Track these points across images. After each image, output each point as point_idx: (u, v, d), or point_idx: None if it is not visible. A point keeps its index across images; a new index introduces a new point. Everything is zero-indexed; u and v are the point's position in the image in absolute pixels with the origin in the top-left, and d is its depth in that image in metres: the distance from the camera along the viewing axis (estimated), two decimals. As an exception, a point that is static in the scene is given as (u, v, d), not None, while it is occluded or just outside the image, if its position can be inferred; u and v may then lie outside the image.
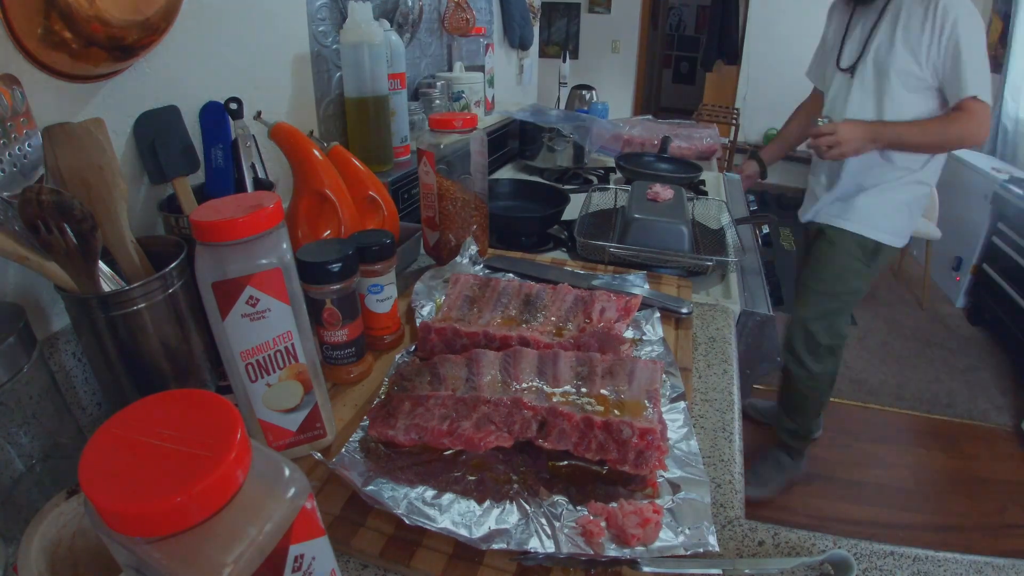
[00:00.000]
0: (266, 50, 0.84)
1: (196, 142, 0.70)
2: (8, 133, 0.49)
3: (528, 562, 0.42)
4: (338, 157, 0.78)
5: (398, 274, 0.74)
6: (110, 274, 0.54)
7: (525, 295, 0.72)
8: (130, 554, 0.25)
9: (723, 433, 0.58)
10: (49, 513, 0.38)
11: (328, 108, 1.01)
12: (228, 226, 0.42)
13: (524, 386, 0.54)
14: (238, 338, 0.45)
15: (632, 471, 0.47)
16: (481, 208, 0.87)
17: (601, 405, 0.51)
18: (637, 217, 0.93)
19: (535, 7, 2.15)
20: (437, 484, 0.48)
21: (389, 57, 1.03)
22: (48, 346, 0.58)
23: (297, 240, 0.72)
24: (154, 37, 0.59)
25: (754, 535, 0.47)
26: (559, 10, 4.49)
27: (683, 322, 0.74)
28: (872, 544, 0.47)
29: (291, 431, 0.51)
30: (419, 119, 1.20)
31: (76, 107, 0.59)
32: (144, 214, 0.68)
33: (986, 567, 0.45)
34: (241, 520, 0.27)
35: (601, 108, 1.93)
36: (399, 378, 0.58)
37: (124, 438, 0.27)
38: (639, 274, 0.81)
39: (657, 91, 6.00)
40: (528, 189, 1.22)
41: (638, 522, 0.43)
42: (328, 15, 0.98)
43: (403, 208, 1.07)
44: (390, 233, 0.65)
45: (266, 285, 0.44)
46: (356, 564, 0.45)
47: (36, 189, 0.45)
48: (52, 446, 0.49)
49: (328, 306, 0.58)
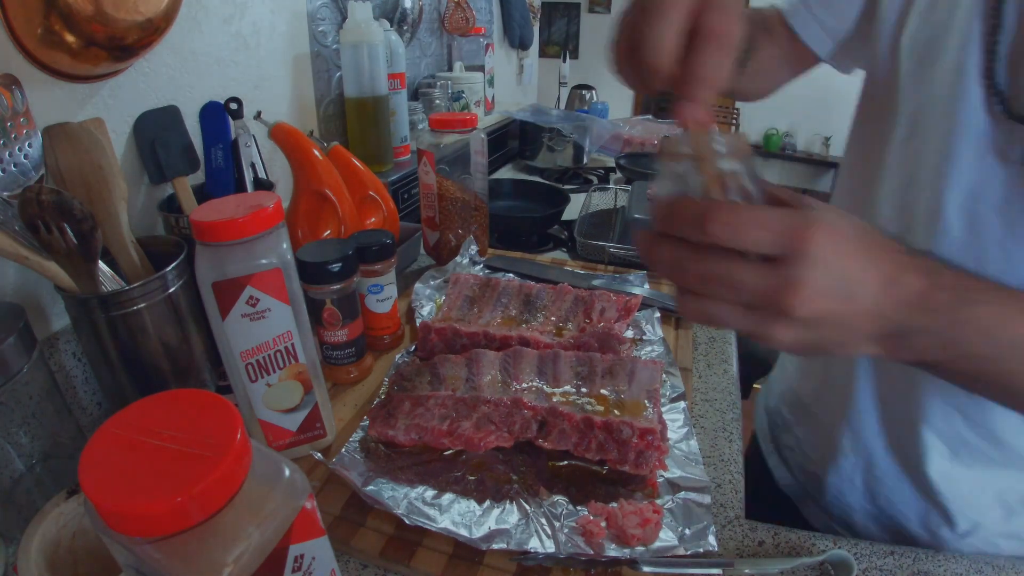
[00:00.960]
0: (266, 50, 0.84)
1: (196, 142, 0.70)
2: (8, 133, 0.49)
3: (528, 562, 0.42)
4: (338, 157, 0.78)
5: (398, 274, 0.74)
6: (110, 274, 0.54)
7: (525, 295, 0.72)
8: (130, 554, 0.25)
9: (723, 433, 0.58)
10: (49, 513, 0.38)
11: (328, 108, 1.01)
12: (228, 226, 0.42)
13: (524, 386, 0.54)
14: (238, 338, 0.45)
15: (632, 471, 0.47)
16: (481, 208, 0.87)
17: (601, 405, 0.51)
18: (637, 217, 0.93)
19: (535, 7, 2.15)
20: (437, 484, 0.48)
21: (389, 57, 1.03)
22: (48, 346, 0.58)
23: (297, 240, 0.72)
24: (154, 37, 0.59)
25: (754, 535, 0.47)
26: (559, 10, 4.49)
27: (683, 322, 0.74)
28: (872, 544, 0.47)
29: (291, 431, 0.51)
30: (419, 119, 1.20)
31: (76, 107, 0.59)
32: (144, 214, 0.68)
33: (986, 567, 0.45)
34: (241, 520, 0.27)
35: (601, 108, 1.93)
36: (399, 378, 0.58)
37: (124, 438, 0.27)
38: (639, 274, 0.81)
39: (657, 91, 5.99)
40: (528, 189, 1.22)
41: (638, 522, 0.43)
42: (328, 15, 0.98)
43: (403, 208, 1.07)
44: (390, 233, 0.65)
45: (266, 285, 0.44)
46: (356, 564, 0.45)
47: (36, 189, 0.45)
48: (52, 446, 0.49)
49: (328, 306, 0.58)
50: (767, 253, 0.30)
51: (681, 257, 0.32)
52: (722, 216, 0.30)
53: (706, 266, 0.31)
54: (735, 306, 0.32)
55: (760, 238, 0.30)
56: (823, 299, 0.30)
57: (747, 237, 0.30)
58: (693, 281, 0.32)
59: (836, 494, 0.60)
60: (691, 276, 0.32)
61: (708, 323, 0.35)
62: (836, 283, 0.30)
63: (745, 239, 0.30)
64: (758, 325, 0.32)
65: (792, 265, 0.30)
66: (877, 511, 0.57)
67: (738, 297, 0.31)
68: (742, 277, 0.31)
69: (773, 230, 0.30)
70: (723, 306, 0.32)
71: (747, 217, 0.30)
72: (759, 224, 0.30)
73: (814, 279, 0.30)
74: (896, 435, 0.54)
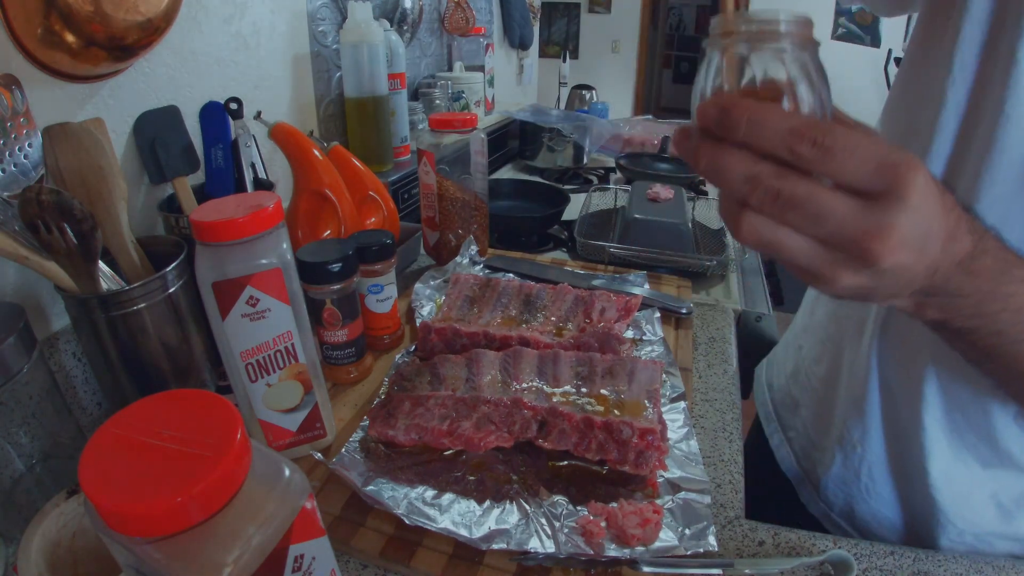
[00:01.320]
0: (266, 50, 0.84)
1: (196, 142, 0.70)
2: (8, 133, 0.49)
3: (528, 562, 0.42)
4: (338, 157, 0.78)
5: (398, 274, 0.74)
6: (110, 274, 0.54)
7: (525, 295, 0.72)
8: (130, 554, 0.25)
9: (723, 433, 0.58)
10: (49, 513, 0.38)
11: (328, 108, 1.01)
12: (228, 226, 0.42)
13: (524, 386, 0.54)
14: (238, 338, 0.45)
15: (632, 471, 0.47)
16: (481, 208, 0.87)
17: (601, 405, 0.51)
18: (637, 217, 0.93)
19: (535, 7, 2.15)
20: (437, 484, 0.48)
21: (389, 57, 1.03)
22: (48, 346, 0.58)
23: (297, 240, 0.72)
24: (154, 37, 0.59)
25: (754, 535, 0.47)
26: (559, 10, 4.49)
27: (683, 322, 0.74)
28: (872, 544, 0.47)
29: (291, 431, 0.51)
30: (419, 119, 1.20)
31: (76, 107, 0.59)
32: (144, 214, 0.68)
33: (986, 567, 0.45)
34: (241, 520, 0.27)
35: (601, 108, 1.93)
36: (399, 378, 0.58)
37: (124, 438, 0.27)
38: (639, 274, 0.81)
39: (657, 91, 6.00)
40: (528, 189, 1.22)
41: (638, 522, 0.43)
42: (328, 15, 0.98)
43: (403, 208, 1.07)
44: (390, 233, 0.65)
45: (266, 285, 0.44)
46: (356, 564, 0.45)
47: (36, 189, 0.45)
48: (52, 446, 0.49)
49: (328, 306, 0.58)
50: (859, 187, 0.27)
51: (758, 172, 0.28)
52: (816, 135, 0.26)
53: (788, 185, 0.27)
54: (807, 237, 0.29)
55: (859, 171, 0.26)
56: (905, 250, 0.28)
57: (842, 165, 0.26)
58: (764, 199, 0.28)
59: (839, 482, 0.60)
60: (764, 193, 0.28)
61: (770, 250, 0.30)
62: (920, 234, 0.28)
63: (840, 167, 0.26)
64: (827, 265, 0.29)
65: (889, 208, 0.27)
66: (875, 503, 0.57)
67: (818, 229, 0.28)
68: (832, 207, 0.27)
69: (872, 163, 0.26)
70: (794, 235, 0.29)
71: (844, 142, 0.26)
72: (859, 154, 0.26)
73: (906, 227, 0.27)
74: (900, 427, 0.53)
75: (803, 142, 0.26)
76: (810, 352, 0.67)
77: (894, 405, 0.53)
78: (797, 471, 0.67)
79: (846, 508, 0.60)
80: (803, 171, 0.27)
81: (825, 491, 0.62)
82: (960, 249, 0.31)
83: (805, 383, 0.67)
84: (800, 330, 0.71)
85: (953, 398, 0.48)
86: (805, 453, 0.66)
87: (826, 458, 0.61)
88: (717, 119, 0.28)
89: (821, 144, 0.26)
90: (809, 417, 0.65)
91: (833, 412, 0.60)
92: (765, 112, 0.27)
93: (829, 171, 0.27)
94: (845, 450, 0.58)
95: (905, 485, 0.55)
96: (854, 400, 0.56)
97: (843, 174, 0.27)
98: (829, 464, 0.60)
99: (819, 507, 0.63)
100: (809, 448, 0.65)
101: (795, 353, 0.70)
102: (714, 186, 0.31)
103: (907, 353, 0.50)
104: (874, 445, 0.56)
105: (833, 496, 0.61)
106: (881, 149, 0.27)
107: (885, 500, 0.56)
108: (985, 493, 0.50)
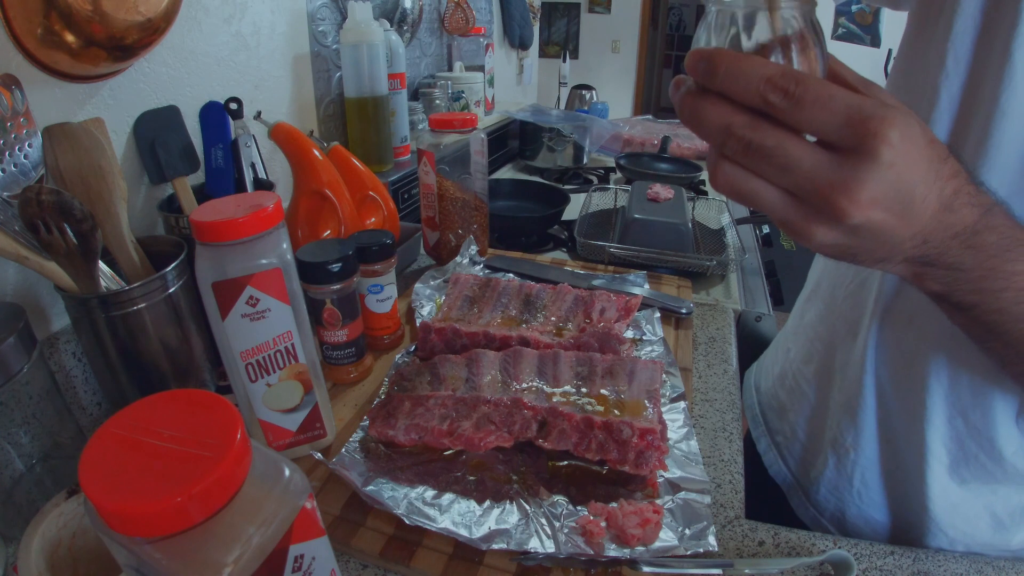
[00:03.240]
0: (266, 50, 0.84)
1: (196, 142, 0.70)
2: (8, 133, 0.49)
3: (528, 562, 0.42)
4: (338, 157, 0.78)
5: (398, 274, 0.74)
6: (110, 274, 0.54)
7: (525, 295, 0.72)
8: (130, 554, 0.25)
9: (723, 433, 0.58)
10: (49, 513, 0.38)
11: (328, 108, 1.01)
12: (228, 226, 0.42)
13: (524, 386, 0.54)
14: (238, 338, 0.45)
15: (632, 471, 0.47)
16: (481, 208, 0.87)
17: (601, 405, 0.51)
18: (637, 217, 0.93)
19: (535, 7, 2.15)
20: (437, 484, 0.48)
21: (389, 57, 1.03)
22: (48, 346, 0.58)
23: (297, 240, 0.72)
24: (154, 37, 0.59)
25: (754, 535, 0.47)
26: (559, 10, 4.49)
27: (683, 322, 0.74)
28: (872, 544, 0.47)
29: (291, 431, 0.51)
30: (419, 119, 1.20)
31: (76, 107, 0.59)
32: (144, 214, 0.68)
33: (986, 567, 0.45)
34: (241, 520, 0.27)
35: (601, 108, 1.93)
36: (399, 378, 0.58)
37: (124, 438, 0.27)
38: (639, 274, 0.81)
39: (657, 91, 6.00)
40: (528, 189, 1.22)
41: (638, 522, 0.43)
42: (328, 15, 0.98)
43: (403, 208, 1.07)
44: (390, 233, 0.65)
45: (266, 285, 0.44)
46: (356, 564, 0.45)
47: (36, 189, 0.45)
48: (52, 446, 0.49)
49: (328, 306, 0.58)
50: (831, 140, 0.27)
51: (731, 121, 0.28)
52: (788, 84, 0.26)
53: (758, 135, 0.28)
54: (778, 189, 0.29)
55: (827, 122, 0.26)
56: (879, 209, 0.28)
57: (813, 116, 0.26)
58: (736, 148, 0.28)
59: (831, 486, 0.59)
60: (736, 142, 0.28)
61: (741, 199, 0.30)
62: (897, 194, 0.27)
63: (810, 118, 0.26)
64: (797, 217, 0.29)
65: (857, 163, 0.27)
66: (867, 507, 0.56)
67: (786, 180, 0.28)
68: (798, 158, 0.27)
69: (843, 116, 0.26)
70: (765, 185, 0.29)
71: (817, 93, 0.26)
72: (829, 105, 0.26)
73: (876, 184, 0.27)
74: (895, 431, 0.53)
75: (775, 91, 0.26)
76: (798, 353, 0.66)
77: (889, 409, 0.53)
78: (786, 476, 0.66)
79: (837, 513, 0.59)
80: (780, 122, 0.27)
81: (816, 495, 0.61)
82: (958, 221, 0.30)
83: (793, 385, 0.66)
84: (789, 333, 0.70)
85: (954, 402, 0.47)
86: (795, 457, 0.65)
87: (818, 462, 0.60)
88: (699, 68, 0.29)
89: (792, 94, 0.26)
90: (799, 420, 0.65)
91: (825, 415, 0.59)
92: (742, 61, 0.27)
93: (800, 121, 0.27)
94: (838, 454, 0.57)
95: (898, 491, 0.54)
96: (847, 403, 0.56)
97: (813, 125, 0.27)
98: (822, 468, 0.59)
99: (808, 512, 0.62)
100: (799, 452, 0.65)
101: (783, 356, 0.70)
102: (696, 136, 0.30)
103: (905, 356, 0.50)
104: (867, 449, 0.55)
105: (824, 500, 0.60)
106: (856, 102, 0.26)
107: (877, 505, 0.56)
108: (980, 505, 0.49)
